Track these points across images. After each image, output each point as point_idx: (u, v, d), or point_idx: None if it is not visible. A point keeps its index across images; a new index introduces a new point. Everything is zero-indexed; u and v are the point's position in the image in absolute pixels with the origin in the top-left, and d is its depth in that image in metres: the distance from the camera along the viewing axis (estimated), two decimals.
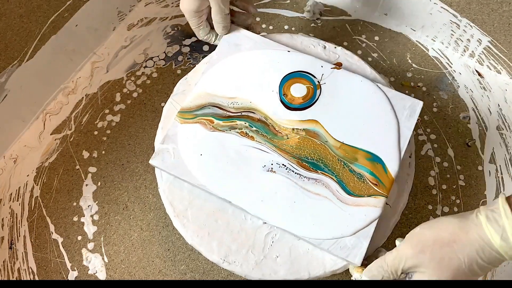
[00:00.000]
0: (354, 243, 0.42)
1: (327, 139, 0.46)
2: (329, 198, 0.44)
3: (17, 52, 0.54)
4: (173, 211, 0.46)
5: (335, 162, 0.45)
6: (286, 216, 0.43)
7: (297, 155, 0.46)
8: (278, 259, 0.44)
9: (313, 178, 0.45)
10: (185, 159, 0.46)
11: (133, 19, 0.67)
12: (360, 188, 0.44)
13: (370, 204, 0.43)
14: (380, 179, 0.44)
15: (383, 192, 0.44)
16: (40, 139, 0.60)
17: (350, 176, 0.45)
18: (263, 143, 0.46)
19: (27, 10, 0.52)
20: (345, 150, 0.46)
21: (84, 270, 0.53)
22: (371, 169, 0.45)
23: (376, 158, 0.45)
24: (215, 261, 0.44)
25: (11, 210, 0.56)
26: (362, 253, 0.42)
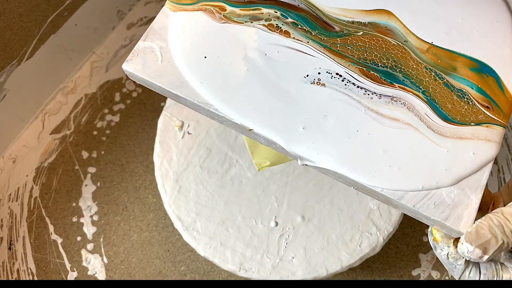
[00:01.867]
0: (457, 197, 0.28)
1: (408, 38, 0.32)
2: (414, 126, 0.30)
3: (16, 52, 0.53)
4: (181, 225, 0.45)
5: (422, 72, 0.31)
6: (344, 153, 0.29)
7: (360, 59, 0.31)
8: (294, 260, 0.43)
9: (387, 96, 0.30)
10: (180, 63, 0.31)
11: (132, 18, 0.66)
12: (463, 112, 0.30)
13: (480, 137, 0.29)
14: (494, 99, 0.30)
15: (500, 119, 0.30)
16: (39, 139, 0.59)
17: (446, 92, 0.30)
18: (305, 41, 0.31)
19: (26, 9, 0.52)
20: (437, 55, 0.31)
21: (84, 271, 0.52)
22: (479, 83, 0.30)
23: (485, 68, 0.31)
24: (231, 270, 0.43)
25: (10, 211, 0.55)
26: (471, 214, 0.28)
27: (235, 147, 0.48)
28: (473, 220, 0.28)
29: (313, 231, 0.44)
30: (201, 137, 0.49)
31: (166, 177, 0.47)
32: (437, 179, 0.29)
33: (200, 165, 0.48)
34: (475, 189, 0.28)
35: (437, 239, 0.29)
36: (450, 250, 0.28)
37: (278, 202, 0.46)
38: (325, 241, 0.44)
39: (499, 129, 0.29)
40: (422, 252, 0.53)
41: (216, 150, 0.48)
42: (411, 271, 0.52)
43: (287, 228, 0.44)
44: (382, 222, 0.44)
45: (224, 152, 0.48)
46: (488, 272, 0.28)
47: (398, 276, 0.52)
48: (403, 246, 0.53)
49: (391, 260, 0.52)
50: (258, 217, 0.45)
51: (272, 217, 0.45)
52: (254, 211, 0.45)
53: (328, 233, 0.44)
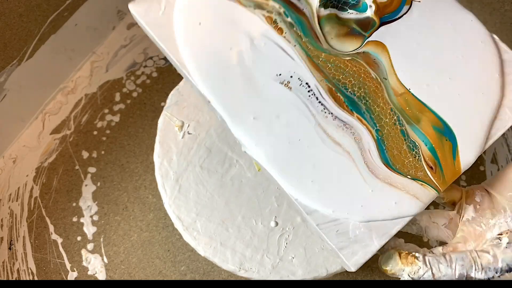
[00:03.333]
0: (360, 235, 0.29)
1: (388, 77, 0.32)
2: (352, 157, 0.30)
3: (16, 52, 0.53)
4: (181, 225, 0.45)
5: (386, 112, 0.31)
6: (278, 153, 0.30)
7: (334, 79, 0.32)
8: (294, 260, 0.43)
9: (342, 121, 0.31)
10: (176, 21, 0.33)
11: (132, 18, 0.66)
12: (405, 163, 0.30)
13: (409, 191, 0.30)
14: (441, 164, 0.30)
15: (438, 184, 0.30)
16: (39, 139, 0.59)
17: (399, 139, 0.30)
18: (293, 44, 0.32)
19: (27, 9, 0.52)
20: (408, 101, 0.31)
21: (84, 270, 0.52)
22: (434, 143, 0.30)
23: (448, 131, 0.31)
24: (231, 270, 0.43)
25: (10, 211, 0.55)
26: (365, 255, 0.29)
27: (235, 147, 0.48)
28: (365, 260, 0.29)
29: (313, 231, 0.44)
30: (201, 137, 0.49)
31: (166, 177, 0.47)
32: (350, 211, 0.29)
33: (200, 165, 0.48)
34: (381, 235, 0.29)
35: (389, 272, 0.30)
36: (407, 270, 0.29)
37: (278, 202, 0.46)
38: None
39: (431, 192, 0.29)
40: None
41: (216, 150, 0.48)
42: None
43: (287, 228, 0.44)
44: None
45: (224, 152, 0.48)
46: (465, 262, 0.28)
47: None
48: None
49: None
50: (258, 217, 0.45)
51: (272, 217, 0.45)
52: (254, 211, 0.45)
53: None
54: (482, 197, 0.32)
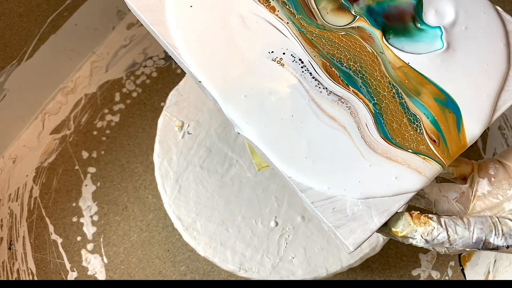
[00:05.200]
0: (359, 212, 0.27)
1: (384, 51, 0.31)
2: (348, 131, 0.29)
3: (16, 52, 0.53)
4: (181, 225, 0.45)
5: (384, 85, 0.30)
6: (270, 129, 0.29)
7: (328, 54, 0.31)
8: (294, 260, 0.43)
9: (337, 95, 0.30)
10: (168, 6, 0.33)
11: (132, 18, 0.66)
12: (406, 136, 0.29)
13: (411, 166, 0.28)
14: (445, 137, 0.29)
15: (442, 158, 0.28)
16: (39, 139, 0.59)
17: (398, 112, 0.29)
18: (285, 21, 0.32)
19: (27, 9, 0.52)
20: (407, 74, 0.30)
21: (84, 271, 0.52)
22: (437, 116, 0.29)
23: (451, 103, 0.29)
24: (231, 270, 0.43)
25: (10, 211, 0.55)
26: (365, 233, 0.27)
27: (235, 147, 0.48)
28: (364, 239, 0.27)
29: (313, 231, 0.44)
30: (201, 137, 0.49)
31: (166, 177, 0.47)
32: (347, 187, 0.28)
33: (200, 165, 0.48)
34: (381, 213, 0.27)
35: (400, 234, 0.27)
36: (420, 231, 0.27)
37: (278, 202, 0.46)
38: (325, 241, 0.44)
39: (435, 166, 0.28)
40: (422, 252, 0.53)
41: (216, 150, 0.48)
42: (411, 271, 0.52)
43: (287, 228, 0.44)
44: None
45: (224, 152, 0.48)
46: (485, 226, 0.27)
47: (398, 276, 0.52)
48: (403, 246, 0.53)
49: (391, 260, 0.52)
50: (258, 217, 0.45)
51: (272, 217, 0.45)
52: (254, 211, 0.45)
53: (328, 233, 0.44)
54: (497, 169, 0.30)
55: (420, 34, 0.32)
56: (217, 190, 0.46)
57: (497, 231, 0.27)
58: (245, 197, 0.46)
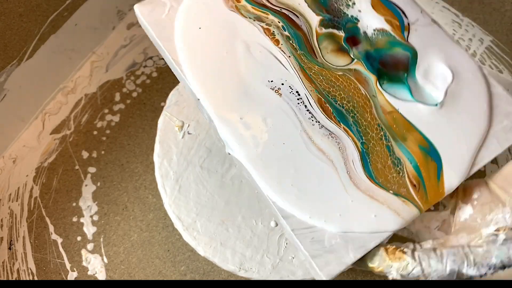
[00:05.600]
0: (336, 245, 0.28)
1: (377, 95, 0.33)
2: (335, 165, 0.30)
3: (16, 52, 0.53)
4: (181, 225, 0.45)
5: (373, 127, 0.32)
6: (260, 154, 0.31)
7: (324, 90, 0.33)
8: (294, 260, 0.43)
9: (328, 129, 0.31)
10: (177, 23, 0.35)
11: (132, 18, 0.66)
12: (389, 178, 0.30)
13: (390, 206, 0.29)
14: (425, 183, 0.30)
15: (420, 203, 0.30)
16: (39, 139, 0.59)
17: (384, 154, 0.31)
18: (287, 54, 0.34)
19: (26, 9, 0.52)
20: (396, 120, 0.32)
21: (84, 271, 0.52)
22: (419, 162, 0.31)
23: (433, 152, 0.31)
24: (231, 270, 0.43)
25: (10, 211, 0.55)
26: (339, 266, 0.28)
27: None
28: (338, 271, 0.28)
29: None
30: (201, 137, 0.49)
31: (166, 177, 0.47)
32: (327, 219, 0.29)
33: (200, 165, 0.48)
34: (358, 248, 0.28)
35: (377, 270, 0.28)
36: (395, 266, 0.28)
37: None
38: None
39: (413, 210, 0.29)
40: None
41: (216, 150, 0.48)
42: None
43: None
44: None
45: (224, 152, 0.48)
46: (457, 257, 0.27)
47: None
48: None
49: None
50: (258, 217, 0.45)
51: (272, 217, 0.45)
52: (254, 211, 0.45)
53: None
54: (481, 192, 0.32)
55: (412, 85, 0.34)
56: (217, 190, 0.46)
57: (469, 262, 0.27)
58: (245, 197, 0.46)
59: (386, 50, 0.35)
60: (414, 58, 0.35)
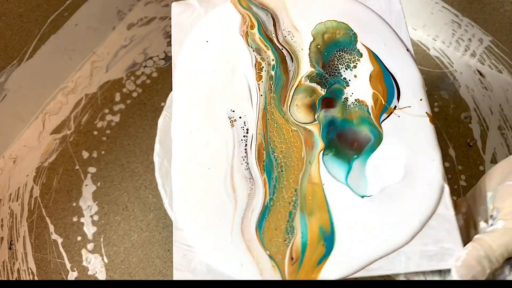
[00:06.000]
0: (198, 270, 0.31)
1: (313, 163, 0.33)
2: (235, 206, 0.33)
3: (17, 52, 0.53)
4: None
5: (289, 189, 0.32)
6: (185, 167, 0.34)
7: (270, 138, 0.34)
8: None
9: (251, 173, 0.33)
10: (194, 31, 0.39)
11: (133, 18, 0.66)
12: (273, 240, 0.31)
13: (259, 264, 0.31)
14: (303, 262, 0.30)
15: (286, 274, 0.30)
16: (40, 139, 0.59)
17: (283, 217, 0.32)
18: (261, 93, 0.36)
19: (27, 10, 0.52)
20: (315, 193, 0.32)
21: (84, 270, 0.52)
22: (310, 241, 0.31)
23: (329, 240, 0.31)
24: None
25: (11, 211, 0.55)
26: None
27: None
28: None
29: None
30: None
31: (166, 177, 0.47)
32: (203, 245, 0.32)
33: None
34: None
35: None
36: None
37: None
38: None
39: (276, 276, 0.30)
40: None
41: None
42: None
43: None
44: None
45: None
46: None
47: None
48: None
49: None
50: None
51: None
52: None
53: None
54: (467, 207, 0.33)
55: (354, 169, 0.33)
56: None
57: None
58: None
59: (352, 124, 0.34)
60: (376, 144, 0.33)
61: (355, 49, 0.37)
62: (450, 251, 0.30)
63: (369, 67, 0.36)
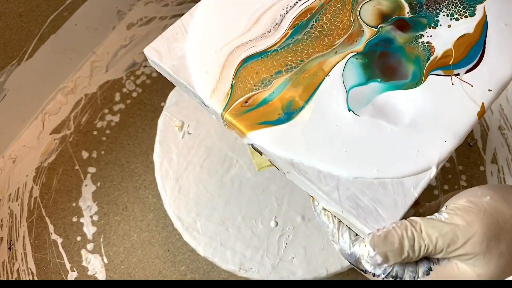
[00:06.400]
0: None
1: (340, 53, 0.32)
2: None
3: (16, 52, 0.53)
4: (181, 225, 0.45)
5: (297, 57, 0.32)
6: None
7: (324, 10, 0.33)
8: (294, 260, 0.43)
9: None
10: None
11: (132, 18, 0.66)
12: (246, 78, 0.31)
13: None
14: (251, 110, 0.30)
15: (222, 101, 0.30)
16: (39, 139, 0.59)
17: (270, 69, 0.31)
18: None
19: (27, 9, 0.52)
20: (314, 75, 0.31)
21: (84, 271, 0.52)
22: (272, 102, 0.30)
23: (286, 117, 0.30)
24: (231, 270, 0.43)
25: (10, 211, 0.55)
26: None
27: (235, 147, 0.48)
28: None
29: (313, 231, 0.44)
30: (201, 137, 0.49)
31: (166, 177, 0.47)
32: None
33: (200, 165, 0.48)
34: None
35: (344, 242, 0.28)
36: (356, 249, 0.27)
37: (278, 202, 0.46)
38: (325, 241, 0.44)
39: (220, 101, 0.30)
40: None
41: (216, 150, 0.48)
42: None
43: (287, 228, 0.44)
44: None
45: (224, 152, 0.48)
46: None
47: None
48: None
49: None
50: (258, 217, 0.45)
51: (272, 217, 0.45)
52: (254, 211, 0.45)
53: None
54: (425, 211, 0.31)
55: (365, 87, 0.31)
56: (217, 190, 0.46)
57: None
58: (245, 197, 0.46)
59: (404, 55, 0.32)
60: (407, 85, 0.31)
61: (473, 6, 0.34)
62: (379, 218, 0.27)
63: (469, 29, 0.33)
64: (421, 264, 0.26)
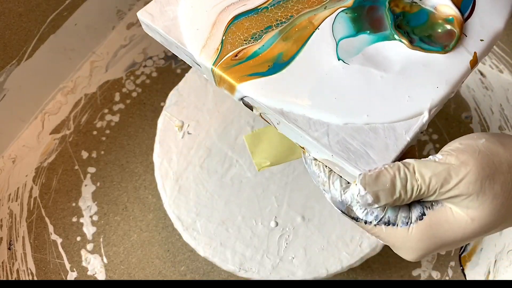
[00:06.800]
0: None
1: (329, 8, 0.33)
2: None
3: (16, 51, 0.53)
4: (181, 225, 0.45)
5: (287, 13, 0.32)
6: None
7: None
8: (294, 260, 0.43)
9: None
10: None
11: (132, 18, 0.66)
12: (236, 34, 0.31)
13: None
14: (241, 63, 0.30)
15: (212, 54, 0.31)
16: (39, 139, 0.59)
17: (260, 24, 0.32)
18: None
19: (26, 9, 0.51)
20: (304, 29, 0.32)
21: (83, 271, 0.52)
22: (262, 55, 0.31)
23: (275, 68, 0.30)
24: (231, 270, 0.43)
25: (10, 211, 0.55)
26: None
27: (235, 147, 0.48)
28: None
29: (313, 231, 0.44)
30: (201, 137, 0.49)
31: (166, 177, 0.47)
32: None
33: (200, 165, 0.48)
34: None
35: (332, 183, 0.27)
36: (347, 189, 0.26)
37: (278, 202, 0.46)
38: (325, 241, 0.44)
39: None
40: None
41: (216, 150, 0.48)
42: (411, 271, 0.52)
43: (287, 228, 0.44)
44: None
45: (224, 152, 0.48)
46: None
47: (398, 276, 0.52)
48: None
49: (391, 260, 0.52)
50: (258, 217, 0.45)
51: (272, 217, 0.45)
52: (254, 211, 0.45)
53: (328, 233, 0.44)
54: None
55: (354, 39, 0.31)
56: (217, 190, 0.46)
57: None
58: (245, 197, 0.46)
59: (387, 6, 0.32)
60: (392, 36, 0.31)
61: None
62: (370, 160, 0.26)
63: None
64: (414, 209, 0.26)
